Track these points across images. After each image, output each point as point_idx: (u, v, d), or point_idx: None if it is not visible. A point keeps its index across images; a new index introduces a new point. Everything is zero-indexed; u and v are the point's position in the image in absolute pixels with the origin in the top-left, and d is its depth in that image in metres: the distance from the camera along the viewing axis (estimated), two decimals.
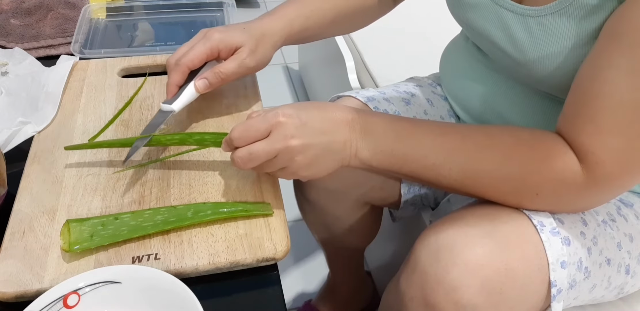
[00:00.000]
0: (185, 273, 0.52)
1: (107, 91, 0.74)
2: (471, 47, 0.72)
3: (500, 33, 0.59)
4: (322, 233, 0.90)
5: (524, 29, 0.56)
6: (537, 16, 0.55)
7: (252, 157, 0.52)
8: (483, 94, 0.69)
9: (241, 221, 0.56)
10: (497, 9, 0.59)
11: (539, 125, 0.63)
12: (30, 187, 0.59)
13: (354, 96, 0.73)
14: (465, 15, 0.65)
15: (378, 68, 1.14)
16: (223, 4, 0.97)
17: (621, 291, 0.62)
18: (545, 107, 0.63)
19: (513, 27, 0.57)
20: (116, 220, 0.54)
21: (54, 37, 0.88)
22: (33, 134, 0.67)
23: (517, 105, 0.65)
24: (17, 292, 0.49)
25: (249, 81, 0.77)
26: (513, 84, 0.66)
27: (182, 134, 0.61)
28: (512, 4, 0.57)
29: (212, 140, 0.60)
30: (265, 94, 0.81)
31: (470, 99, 0.72)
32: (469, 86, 0.72)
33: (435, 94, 0.78)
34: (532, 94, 0.63)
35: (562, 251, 0.52)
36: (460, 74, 0.74)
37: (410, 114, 0.72)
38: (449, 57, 0.79)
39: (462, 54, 0.74)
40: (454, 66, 0.76)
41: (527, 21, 0.56)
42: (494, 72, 0.68)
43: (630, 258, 0.59)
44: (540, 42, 0.55)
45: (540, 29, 0.54)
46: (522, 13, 0.56)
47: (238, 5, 0.97)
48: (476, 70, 0.70)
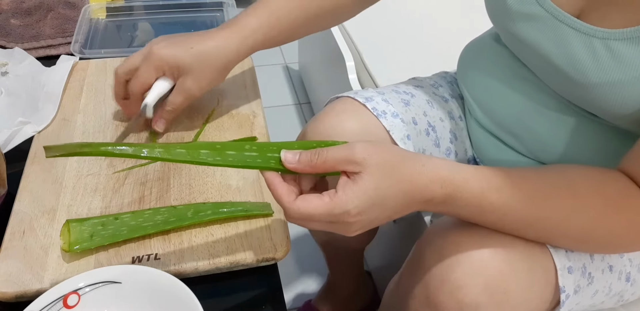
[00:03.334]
0: (185, 273, 0.52)
1: (107, 91, 0.74)
2: (503, 50, 0.68)
3: (556, 50, 0.55)
4: (320, 233, 0.90)
5: (588, 49, 0.52)
6: (605, 39, 0.50)
7: (306, 222, 0.46)
8: (511, 102, 0.66)
9: (241, 221, 0.56)
10: (554, 23, 0.54)
11: (572, 144, 0.61)
12: (30, 187, 0.59)
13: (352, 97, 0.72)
14: (514, 26, 0.59)
15: (378, 68, 1.14)
16: (223, 4, 0.97)
17: (621, 299, 0.62)
18: (583, 127, 0.60)
19: (574, 46, 0.53)
20: (116, 220, 0.54)
21: (54, 37, 0.88)
22: (33, 134, 0.67)
23: (550, 121, 0.62)
24: (17, 292, 0.49)
25: (249, 81, 0.77)
26: (547, 98, 0.61)
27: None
28: (573, 19, 0.53)
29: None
30: (265, 94, 0.81)
31: (495, 104, 0.69)
32: (495, 90, 0.68)
33: (436, 95, 0.77)
34: (569, 111, 0.60)
35: (567, 257, 0.52)
36: (485, 76, 0.70)
37: (409, 115, 0.72)
38: (472, 57, 0.75)
39: (490, 55, 0.70)
40: (478, 67, 0.72)
41: (592, 42, 0.51)
42: (527, 82, 0.64)
43: (632, 266, 0.59)
44: (606, 67, 0.51)
45: (608, 53, 0.50)
46: (586, 32, 0.52)
47: (238, 5, 0.97)
48: (507, 76, 0.67)
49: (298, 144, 0.47)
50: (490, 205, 0.47)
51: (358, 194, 0.43)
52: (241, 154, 0.46)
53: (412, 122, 0.71)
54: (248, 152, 0.46)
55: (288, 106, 1.74)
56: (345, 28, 1.27)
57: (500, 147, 0.69)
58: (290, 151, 0.46)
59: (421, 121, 0.72)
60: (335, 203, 0.43)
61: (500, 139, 0.69)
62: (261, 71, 0.68)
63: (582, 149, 0.60)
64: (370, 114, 0.69)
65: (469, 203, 0.47)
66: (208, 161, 0.45)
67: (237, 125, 0.69)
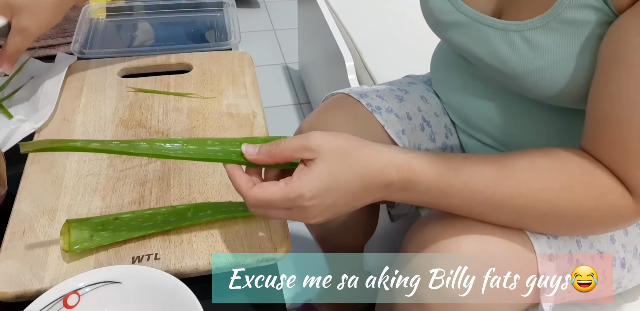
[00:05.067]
0: (185, 273, 0.52)
1: (107, 91, 0.74)
2: (459, 58, 0.71)
3: (483, 49, 0.59)
4: (319, 230, 0.90)
5: (507, 44, 0.56)
6: (519, 31, 0.54)
7: (265, 210, 0.47)
8: (473, 102, 0.69)
9: (241, 221, 0.56)
10: (477, 25, 0.59)
11: (537, 131, 0.63)
12: (30, 187, 0.59)
13: (347, 93, 0.73)
14: (446, 35, 0.64)
15: (378, 68, 1.14)
16: (223, 4, 0.97)
17: (619, 286, 0.62)
18: (543, 114, 0.62)
19: (495, 43, 0.57)
20: (116, 220, 0.54)
21: (54, 37, 0.88)
22: (32, 132, 0.67)
23: (510, 113, 0.65)
24: (17, 292, 0.49)
25: (248, 81, 0.77)
26: (502, 93, 0.65)
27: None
28: (491, 19, 0.57)
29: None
30: (265, 94, 0.81)
31: (462, 105, 0.71)
32: (459, 92, 0.71)
33: (429, 91, 0.78)
34: (525, 102, 0.63)
35: (548, 244, 0.52)
36: (449, 79, 0.73)
37: (403, 110, 0.73)
38: (437, 58, 0.78)
39: (449, 59, 0.73)
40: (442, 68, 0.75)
41: (509, 36, 0.55)
42: (484, 81, 0.67)
43: (625, 251, 0.59)
44: (525, 56, 0.54)
45: (524, 43, 0.54)
46: (502, 28, 0.56)
47: (238, 5, 0.97)
48: (464, 74, 0.70)
49: (262, 140, 0.49)
50: (451, 188, 0.48)
51: (311, 178, 0.45)
52: (203, 148, 0.48)
53: (406, 117, 0.72)
54: (210, 147, 0.49)
55: (288, 106, 1.74)
56: (345, 28, 1.27)
57: (480, 146, 0.71)
58: (251, 144, 0.48)
59: (416, 117, 0.73)
60: (290, 187, 0.45)
61: (476, 138, 0.71)
62: (261, 71, 0.68)
63: (548, 134, 0.62)
64: (365, 110, 0.70)
65: (430, 187, 0.47)
66: (169, 155, 0.48)
67: (237, 125, 0.69)
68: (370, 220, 0.89)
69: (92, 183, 0.60)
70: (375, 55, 1.18)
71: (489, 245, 0.50)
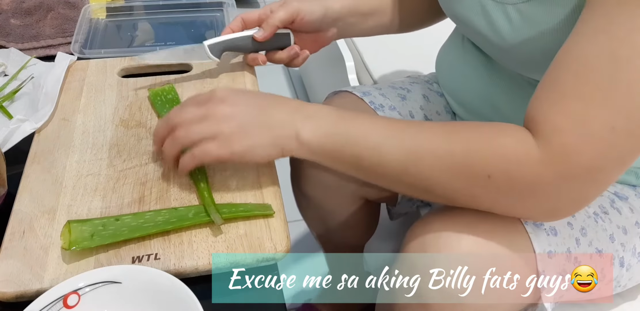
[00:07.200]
0: (185, 273, 0.52)
1: (107, 91, 0.74)
2: (467, 43, 0.73)
3: (482, 21, 0.61)
4: (319, 228, 0.90)
5: (504, 16, 0.58)
6: (514, 4, 0.56)
7: (182, 117, 0.54)
8: (479, 87, 0.70)
9: (241, 221, 0.56)
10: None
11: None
12: (30, 187, 0.59)
13: (350, 91, 0.74)
14: (453, 9, 0.67)
15: (378, 68, 1.14)
16: (223, 4, 0.97)
17: (618, 285, 0.62)
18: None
19: (493, 15, 0.59)
20: (117, 221, 0.54)
21: (54, 37, 0.88)
22: (32, 132, 0.67)
23: (513, 97, 0.66)
24: (17, 292, 0.49)
25: (248, 81, 0.77)
26: (508, 77, 0.66)
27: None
28: None
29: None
30: None
31: (466, 92, 0.72)
32: (465, 79, 0.72)
33: (431, 90, 0.79)
34: (527, 86, 0.64)
35: (547, 241, 0.52)
36: (456, 68, 0.74)
37: (406, 109, 0.73)
38: (445, 53, 0.79)
39: (459, 49, 0.75)
40: (450, 61, 0.77)
41: (506, 8, 0.57)
42: (489, 65, 0.68)
43: (624, 250, 0.60)
44: (518, 28, 0.56)
45: (519, 15, 0.56)
46: (501, 1, 0.58)
47: (238, 5, 0.97)
48: (472, 64, 0.71)
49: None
50: (347, 113, 0.54)
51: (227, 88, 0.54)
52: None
53: (409, 115, 0.73)
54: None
55: None
56: None
57: None
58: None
59: (418, 115, 0.74)
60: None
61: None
62: (261, 71, 0.69)
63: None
64: (368, 108, 0.71)
65: (330, 113, 0.54)
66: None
67: None
68: (370, 219, 0.89)
69: (92, 183, 0.60)
70: (376, 55, 1.18)
71: (489, 245, 0.50)
